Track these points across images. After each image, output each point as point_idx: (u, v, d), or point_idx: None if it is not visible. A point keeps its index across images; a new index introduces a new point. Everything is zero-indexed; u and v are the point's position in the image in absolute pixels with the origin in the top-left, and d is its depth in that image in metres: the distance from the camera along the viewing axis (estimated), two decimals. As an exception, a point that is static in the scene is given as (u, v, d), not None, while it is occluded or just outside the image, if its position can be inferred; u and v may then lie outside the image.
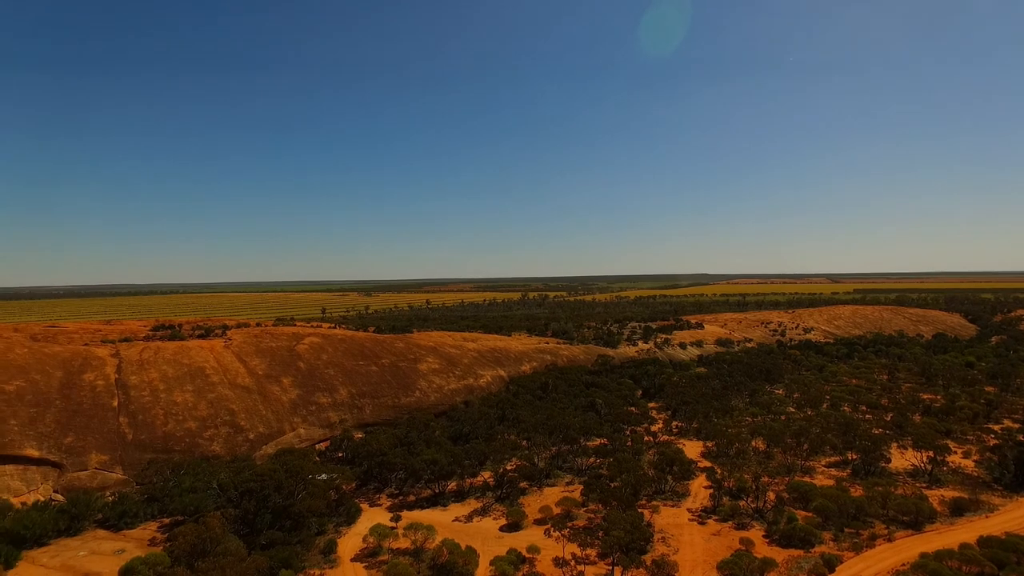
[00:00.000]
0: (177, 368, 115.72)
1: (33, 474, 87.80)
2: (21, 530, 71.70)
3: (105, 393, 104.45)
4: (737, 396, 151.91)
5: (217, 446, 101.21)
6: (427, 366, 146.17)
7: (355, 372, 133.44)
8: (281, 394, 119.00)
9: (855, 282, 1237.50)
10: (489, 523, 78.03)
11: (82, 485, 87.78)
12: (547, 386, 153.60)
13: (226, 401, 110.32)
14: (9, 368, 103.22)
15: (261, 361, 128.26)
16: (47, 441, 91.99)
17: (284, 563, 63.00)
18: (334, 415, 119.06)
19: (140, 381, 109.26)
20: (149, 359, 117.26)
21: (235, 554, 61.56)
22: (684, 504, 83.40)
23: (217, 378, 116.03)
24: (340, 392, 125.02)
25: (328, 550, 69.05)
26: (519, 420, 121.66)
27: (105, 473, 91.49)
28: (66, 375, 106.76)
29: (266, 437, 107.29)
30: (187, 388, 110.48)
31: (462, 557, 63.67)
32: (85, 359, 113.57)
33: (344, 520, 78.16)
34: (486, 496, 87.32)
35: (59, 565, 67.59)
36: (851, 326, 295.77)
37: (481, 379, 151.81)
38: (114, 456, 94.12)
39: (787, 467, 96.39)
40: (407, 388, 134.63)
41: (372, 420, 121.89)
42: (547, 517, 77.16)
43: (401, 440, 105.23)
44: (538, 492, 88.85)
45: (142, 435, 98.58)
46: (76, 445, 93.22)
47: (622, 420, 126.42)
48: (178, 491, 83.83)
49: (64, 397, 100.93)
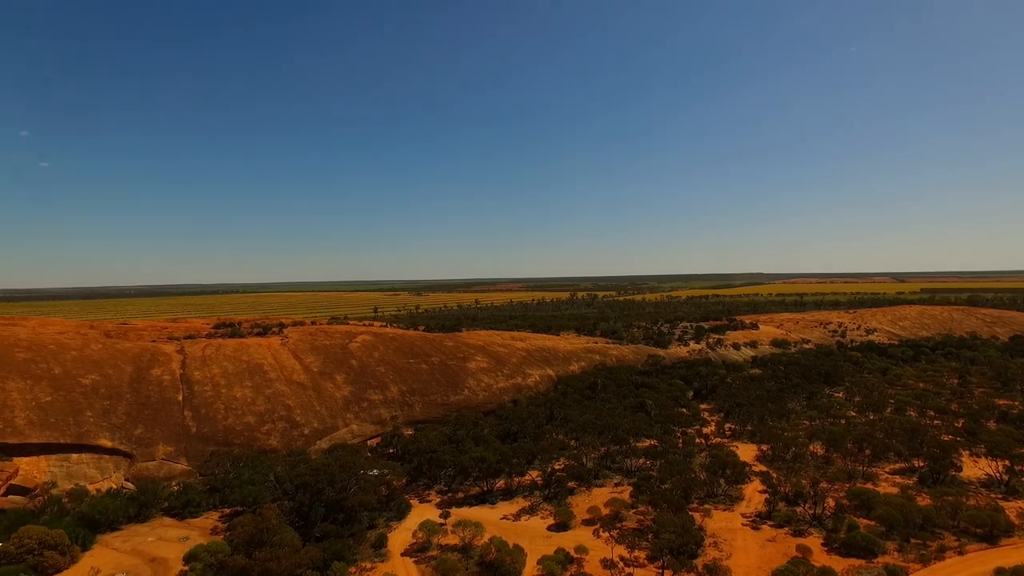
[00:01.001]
0: (237, 364, 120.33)
1: (106, 463, 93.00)
2: (96, 515, 76.13)
3: (171, 387, 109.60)
4: (794, 399, 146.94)
5: (274, 440, 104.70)
6: (476, 365, 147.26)
7: (405, 370, 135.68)
8: (335, 391, 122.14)
9: (922, 281, 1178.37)
10: (537, 522, 77.95)
11: (150, 475, 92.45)
12: (596, 386, 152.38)
13: (282, 397, 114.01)
14: (86, 363, 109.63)
15: (316, 358, 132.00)
16: (119, 432, 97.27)
17: (337, 555, 64.58)
18: (385, 412, 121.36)
19: (203, 376, 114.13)
20: (211, 355, 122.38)
21: (290, 545, 63.45)
22: (737, 508, 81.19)
23: (274, 374, 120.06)
24: (391, 389, 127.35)
25: (379, 544, 70.38)
26: (567, 420, 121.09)
27: (171, 464, 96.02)
28: (136, 370, 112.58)
29: (320, 432, 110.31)
30: (246, 384, 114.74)
31: (510, 555, 63.79)
32: (153, 355, 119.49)
33: (395, 515, 79.60)
34: (534, 495, 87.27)
35: (130, 550, 71.38)
36: (918, 327, 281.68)
37: (529, 378, 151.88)
38: (179, 448, 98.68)
39: (848, 473, 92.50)
40: (456, 386, 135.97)
41: (422, 417, 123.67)
42: (595, 518, 76.48)
43: (450, 438, 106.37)
44: (586, 492, 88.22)
45: (204, 428, 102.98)
46: (145, 436, 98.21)
47: (673, 421, 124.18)
48: (238, 483, 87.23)
49: (134, 391, 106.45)
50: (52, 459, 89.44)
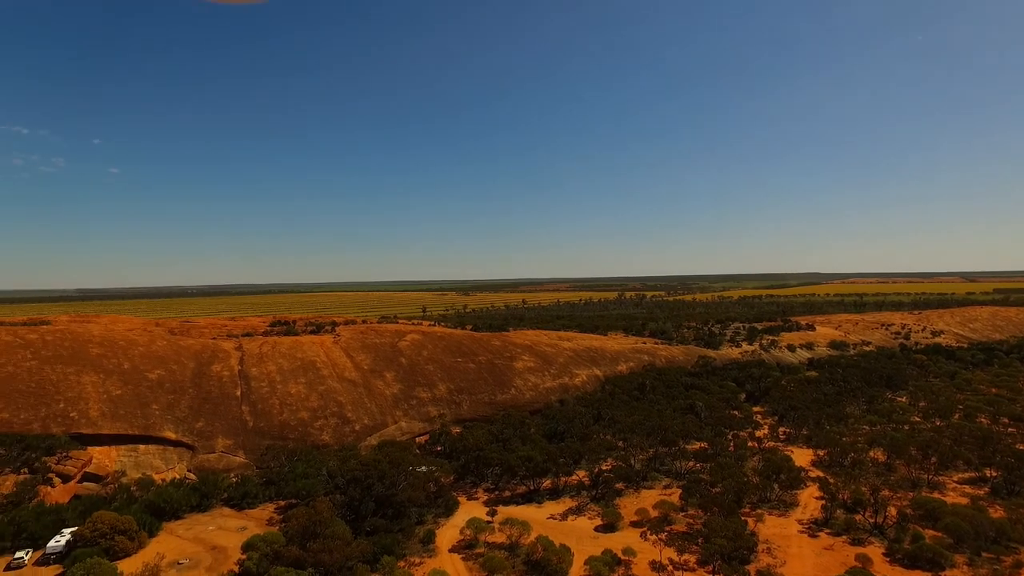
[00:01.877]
0: (291, 361, 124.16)
1: (170, 454, 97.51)
2: (161, 503, 79.92)
3: (230, 383, 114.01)
4: (853, 403, 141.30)
5: (326, 436, 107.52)
6: (522, 364, 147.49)
7: (453, 368, 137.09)
8: (384, 388, 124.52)
9: (995, 281, 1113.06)
10: (584, 522, 77.45)
11: (210, 466, 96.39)
12: (644, 387, 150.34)
13: (335, 393, 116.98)
14: (152, 358, 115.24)
15: (366, 356, 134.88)
16: (182, 425, 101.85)
17: (386, 549, 65.82)
18: (433, 410, 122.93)
19: (260, 373, 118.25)
20: (267, 353, 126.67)
21: (342, 538, 65.03)
22: (792, 514, 78.62)
23: (327, 371, 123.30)
24: (439, 388, 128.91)
25: (427, 540, 71.33)
26: (615, 420, 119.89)
27: (230, 456, 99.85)
28: (197, 366, 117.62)
29: (370, 429, 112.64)
30: (300, 380, 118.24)
31: (556, 555, 63.62)
32: (213, 352, 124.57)
33: (442, 512, 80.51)
34: (581, 495, 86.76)
35: (192, 537, 74.61)
36: (990, 329, 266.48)
37: (576, 378, 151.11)
38: (237, 441, 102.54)
39: (911, 481, 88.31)
40: (503, 385, 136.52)
41: (469, 416, 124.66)
42: (644, 520, 75.43)
43: (497, 436, 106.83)
44: (634, 494, 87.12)
45: (261, 423, 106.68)
46: (205, 429, 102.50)
47: (724, 424, 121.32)
48: (292, 476, 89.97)
49: (196, 386, 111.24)
50: (122, 449, 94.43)
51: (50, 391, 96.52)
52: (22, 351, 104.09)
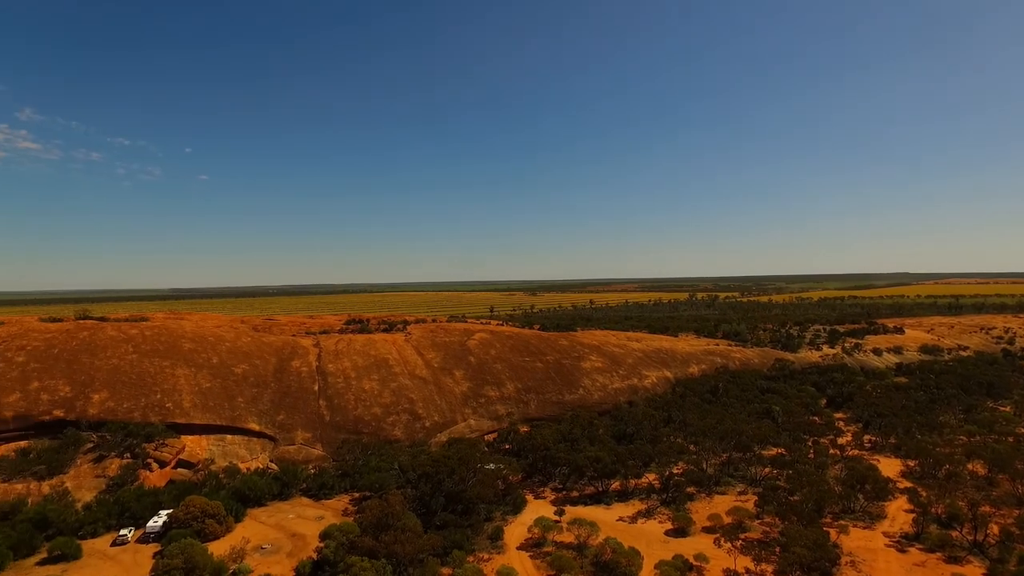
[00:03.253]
0: (365, 359, 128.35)
1: (254, 445, 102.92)
2: (247, 491, 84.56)
3: (308, 378, 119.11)
4: (947, 411, 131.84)
5: (398, 431, 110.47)
6: (590, 364, 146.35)
7: (521, 368, 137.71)
8: (454, 386, 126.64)
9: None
10: (654, 526, 76.00)
11: (290, 457, 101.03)
12: (717, 389, 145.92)
13: (406, 390, 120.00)
14: (238, 353, 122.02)
15: (436, 354, 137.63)
16: (264, 417, 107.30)
17: (456, 544, 66.96)
18: (501, 408, 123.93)
19: (336, 369, 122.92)
20: (343, 350, 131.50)
21: (413, 531, 66.65)
22: (879, 527, 74.23)
23: (399, 369, 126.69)
24: (507, 386, 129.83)
25: (495, 536, 72.02)
26: (686, 423, 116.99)
27: (308, 449, 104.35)
28: (279, 361, 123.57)
29: (440, 426, 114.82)
30: (373, 377, 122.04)
31: (625, 557, 62.75)
32: (293, 348, 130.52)
33: (511, 509, 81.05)
34: (651, 498, 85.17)
35: (274, 524, 78.50)
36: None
37: (646, 379, 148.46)
38: (315, 434, 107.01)
39: (1017, 498, 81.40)
40: (571, 385, 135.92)
41: (537, 415, 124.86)
42: (717, 526, 73.19)
43: (565, 436, 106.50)
44: (706, 499, 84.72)
45: (337, 417, 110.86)
46: (286, 422, 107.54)
47: (803, 430, 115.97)
48: (366, 470, 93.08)
49: (277, 380, 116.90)
50: (211, 438, 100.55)
51: (148, 382, 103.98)
52: (125, 345, 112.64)
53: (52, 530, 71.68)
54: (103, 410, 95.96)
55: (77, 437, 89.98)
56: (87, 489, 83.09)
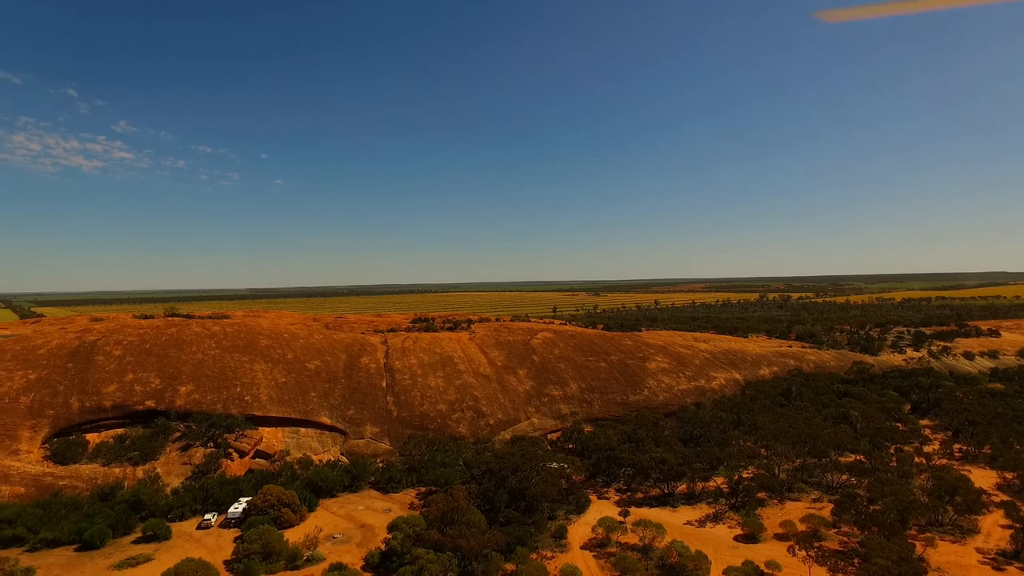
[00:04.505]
0: (431, 356, 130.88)
1: (325, 438, 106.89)
2: (319, 482, 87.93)
3: (376, 375, 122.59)
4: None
5: (463, 428, 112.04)
6: (656, 365, 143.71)
7: (584, 367, 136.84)
8: (517, 384, 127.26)
9: None
10: (722, 531, 73.82)
11: (359, 451, 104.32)
12: (789, 392, 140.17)
13: (470, 388, 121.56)
14: (310, 350, 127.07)
15: (500, 353, 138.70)
16: (335, 412, 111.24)
17: (519, 541, 67.26)
18: (565, 407, 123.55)
19: (402, 366, 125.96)
20: (409, 347, 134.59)
21: (477, 526, 67.49)
22: (971, 542, 69.30)
23: (463, 366, 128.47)
24: (570, 386, 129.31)
25: (559, 535, 71.87)
26: (756, 426, 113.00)
27: (376, 443, 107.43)
28: (349, 358, 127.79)
29: (504, 423, 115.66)
30: (439, 374, 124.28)
31: (692, 561, 61.30)
32: (362, 346, 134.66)
33: (574, 508, 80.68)
34: (719, 502, 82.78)
35: (345, 515, 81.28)
36: None
37: (713, 381, 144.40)
38: (383, 429, 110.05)
39: None
40: (635, 386, 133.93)
41: (600, 415, 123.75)
42: (789, 533, 70.37)
43: (629, 436, 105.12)
44: (778, 505, 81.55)
45: (404, 413, 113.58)
46: (355, 417, 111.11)
47: (884, 436, 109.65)
48: (432, 465, 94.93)
49: (347, 376, 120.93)
50: (286, 431, 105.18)
51: (229, 376, 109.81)
52: (208, 341, 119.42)
53: (145, 512, 76.94)
54: (189, 401, 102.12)
55: (166, 426, 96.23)
56: (175, 475, 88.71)
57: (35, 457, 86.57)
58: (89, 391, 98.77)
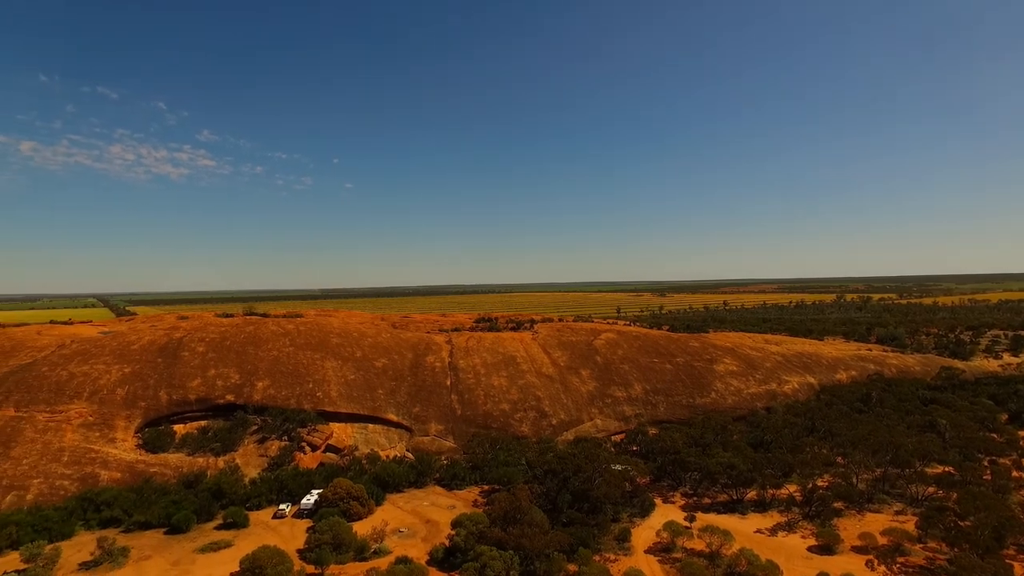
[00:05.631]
0: (494, 356, 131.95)
1: (392, 434, 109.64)
2: (386, 477, 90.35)
3: (441, 373, 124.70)
4: None
5: (525, 427, 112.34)
6: (724, 367, 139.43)
7: (649, 369, 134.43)
8: (580, 385, 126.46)
9: None
10: (795, 540, 70.77)
11: (424, 448, 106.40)
12: (869, 398, 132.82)
13: (533, 388, 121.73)
14: (378, 348, 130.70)
15: (563, 353, 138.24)
16: (402, 409, 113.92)
17: (582, 542, 66.83)
18: (628, 409, 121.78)
19: (466, 365, 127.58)
20: (473, 347, 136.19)
21: (540, 526, 67.50)
22: (1078, 565, 63.54)
23: (526, 366, 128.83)
24: (635, 387, 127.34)
25: (622, 538, 70.90)
26: (832, 433, 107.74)
27: (440, 441, 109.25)
28: (415, 356, 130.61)
29: (566, 424, 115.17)
30: (502, 374, 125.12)
31: (762, 570, 59.13)
32: (427, 345, 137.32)
33: (638, 512, 79.41)
34: (791, 511, 79.37)
35: (410, 510, 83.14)
36: None
37: (785, 385, 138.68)
38: (447, 427, 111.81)
39: None
40: (702, 388, 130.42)
41: (665, 417, 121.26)
42: (869, 546, 66.71)
43: (696, 440, 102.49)
44: (857, 516, 77.42)
45: (468, 411, 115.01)
46: (421, 414, 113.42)
47: (976, 447, 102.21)
48: (495, 463, 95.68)
49: (413, 374, 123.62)
50: (355, 427, 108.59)
51: (302, 373, 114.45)
52: (283, 339, 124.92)
53: (225, 500, 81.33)
54: (265, 396, 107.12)
55: (244, 420, 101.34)
56: (252, 466, 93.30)
57: (129, 445, 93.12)
58: (176, 385, 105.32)
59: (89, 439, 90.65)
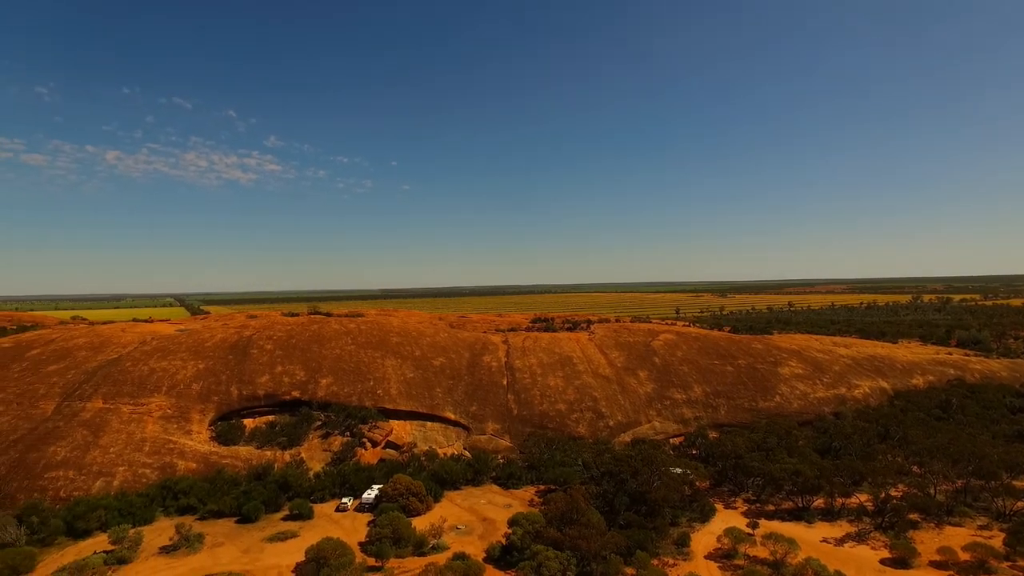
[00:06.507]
0: (550, 356, 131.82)
1: (449, 432, 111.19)
2: (444, 474, 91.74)
3: (497, 373, 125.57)
4: None
5: (582, 428, 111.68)
6: (789, 370, 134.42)
7: (709, 371, 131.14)
8: (638, 386, 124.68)
9: None
10: (866, 552, 67.50)
11: (481, 447, 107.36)
12: (949, 405, 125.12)
13: (589, 388, 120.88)
14: (436, 348, 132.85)
15: (620, 354, 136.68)
16: (459, 408, 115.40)
17: (640, 545, 65.88)
18: (688, 411, 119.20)
19: (522, 365, 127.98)
20: (529, 347, 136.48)
21: (596, 527, 66.96)
22: None
23: (582, 367, 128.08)
24: (694, 390, 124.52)
25: (681, 542, 69.46)
26: (907, 441, 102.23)
27: (497, 440, 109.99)
28: (471, 356, 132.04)
29: (624, 426, 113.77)
30: (558, 374, 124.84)
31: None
32: (484, 344, 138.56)
33: (698, 516, 77.60)
34: (862, 520, 75.79)
35: (467, 507, 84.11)
36: None
37: (856, 389, 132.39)
38: (503, 426, 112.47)
39: None
40: (765, 392, 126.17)
41: (726, 421, 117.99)
42: (949, 561, 62.92)
43: (759, 445, 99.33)
44: (935, 529, 73.12)
45: (524, 411, 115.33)
46: (478, 413, 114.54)
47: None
48: (551, 463, 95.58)
49: (470, 373, 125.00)
50: (414, 424, 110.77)
51: (363, 371, 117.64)
52: (345, 337, 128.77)
53: (291, 492, 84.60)
54: (328, 393, 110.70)
55: (309, 415, 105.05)
56: (316, 460, 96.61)
57: (203, 437, 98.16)
58: (246, 380, 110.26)
59: (168, 430, 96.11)
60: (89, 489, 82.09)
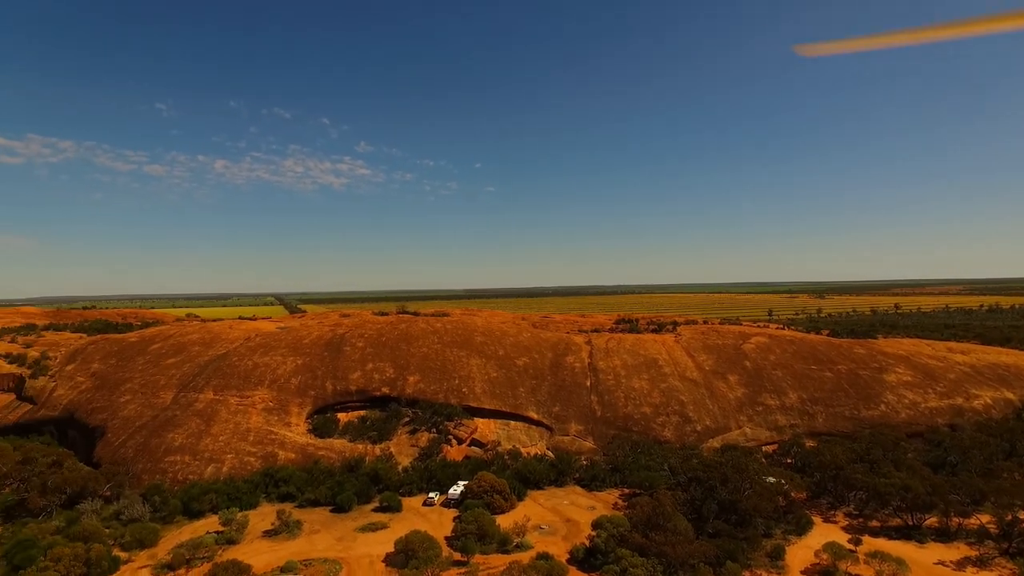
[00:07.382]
0: (634, 358, 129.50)
1: (532, 432, 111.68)
2: (527, 473, 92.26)
3: (581, 374, 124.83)
4: None
5: (668, 432, 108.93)
6: (895, 377, 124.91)
7: (805, 376, 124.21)
8: (727, 391, 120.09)
9: None
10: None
11: (564, 448, 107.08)
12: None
13: (676, 392, 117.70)
14: (519, 347, 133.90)
15: (708, 357, 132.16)
16: (542, 408, 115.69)
17: (730, 555, 63.38)
18: (782, 418, 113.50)
19: (606, 366, 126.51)
20: (613, 348, 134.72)
21: (684, 534, 65.09)
22: None
23: (668, 369, 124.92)
24: (789, 396, 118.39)
25: (775, 555, 66.22)
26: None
27: (580, 441, 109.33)
28: (554, 356, 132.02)
29: (712, 431, 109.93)
30: (643, 376, 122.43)
31: (946, 608, 52.14)
32: (567, 345, 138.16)
33: (793, 529, 73.68)
34: (984, 544, 69.19)
35: (550, 507, 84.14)
36: None
37: (975, 400, 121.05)
38: (587, 428, 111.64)
39: None
40: (869, 400, 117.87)
41: (824, 429, 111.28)
42: (1089, 595, 56.25)
43: (861, 456, 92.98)
44: (1072, 558, 65.57)
45: (608, 413, 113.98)
46: (560, 414, 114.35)
47: None
48: (636, 467, 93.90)
49: (553, 374, 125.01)
50: (497, 423, 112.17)
51: (449, 369, 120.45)
52: (432, 336, 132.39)
53: (381, 485, 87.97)
54: (416, 391, 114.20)
55: (398, 411, 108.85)
56: (404, 455, 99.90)
57: (301, 429, 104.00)
58: (339, 376, 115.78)
59: (270, 422, 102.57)
60: (201, 474, 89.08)
